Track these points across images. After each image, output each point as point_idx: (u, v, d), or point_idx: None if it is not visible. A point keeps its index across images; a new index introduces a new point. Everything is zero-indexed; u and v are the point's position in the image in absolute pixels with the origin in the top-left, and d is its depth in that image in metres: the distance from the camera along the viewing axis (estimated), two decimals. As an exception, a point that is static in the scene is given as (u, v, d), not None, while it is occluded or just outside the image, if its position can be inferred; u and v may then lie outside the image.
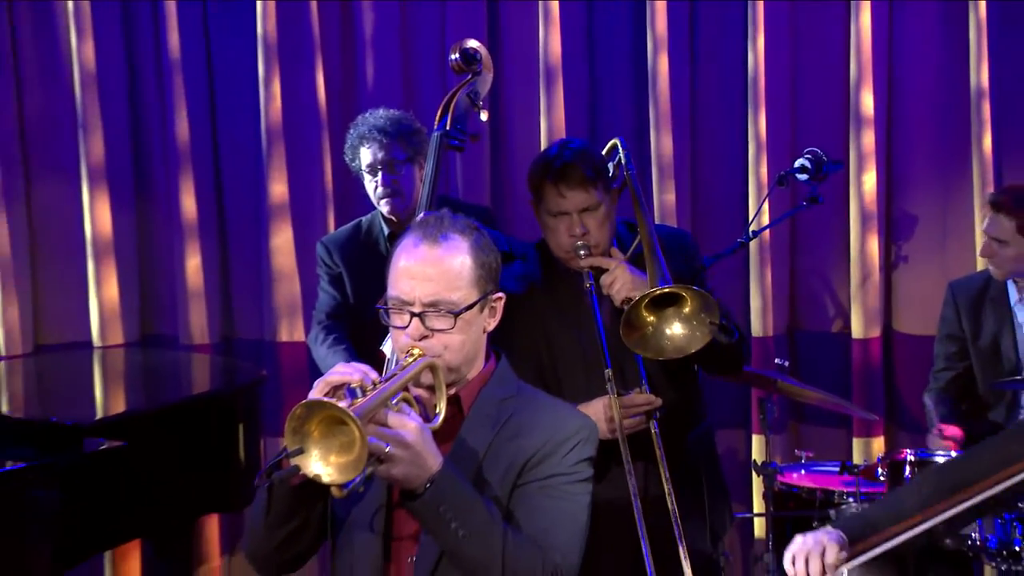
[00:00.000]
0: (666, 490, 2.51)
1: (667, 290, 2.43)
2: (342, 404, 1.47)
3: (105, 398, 3.98)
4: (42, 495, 2.78)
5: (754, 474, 3.46)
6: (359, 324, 3.36)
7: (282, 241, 4.08)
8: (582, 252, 2.56)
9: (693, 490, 2.68)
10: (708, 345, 2.49)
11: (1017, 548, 2.98)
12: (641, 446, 2.52)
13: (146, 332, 4.30)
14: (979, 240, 3.46)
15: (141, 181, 4.26)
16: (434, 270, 1.67)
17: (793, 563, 1.85)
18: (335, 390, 1.61)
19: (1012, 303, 3.28)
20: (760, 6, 3.94)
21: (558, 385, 2.30)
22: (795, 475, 3.53)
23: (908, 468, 3.14)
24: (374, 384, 1.61)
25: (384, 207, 3.17)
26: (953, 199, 3.90)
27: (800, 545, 1.86)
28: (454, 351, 1.68)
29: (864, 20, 3.92)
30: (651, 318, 2.49)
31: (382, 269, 1.97)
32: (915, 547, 2.98)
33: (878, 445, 3.89)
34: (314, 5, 3.93)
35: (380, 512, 1.71)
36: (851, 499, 3.28)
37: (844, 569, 1.92)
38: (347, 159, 3.28)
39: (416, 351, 1.67)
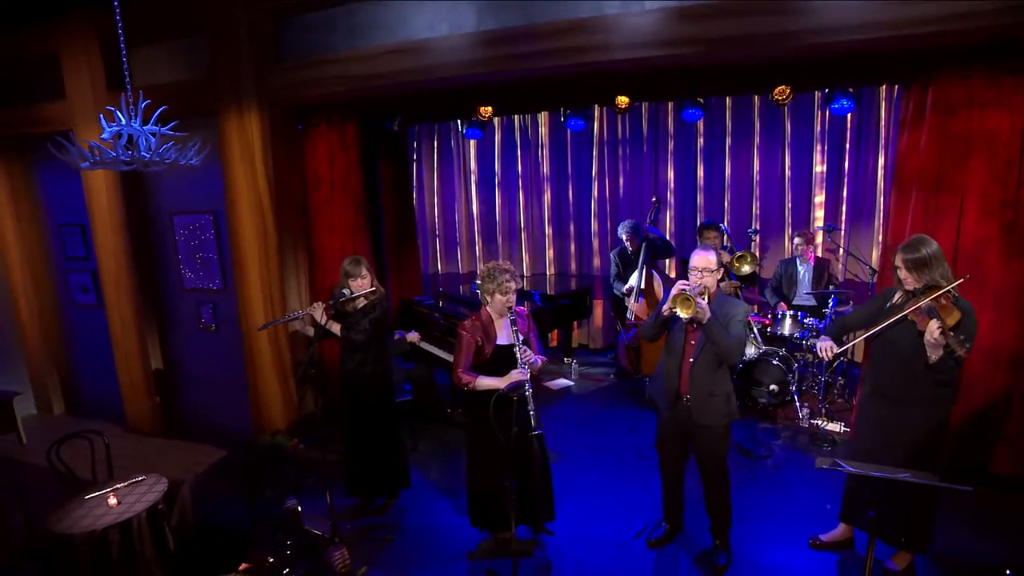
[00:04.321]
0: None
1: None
2: (688, 290, 4.14)
3: (569, 288, 8.68)
4: (548, 309, 8.07)
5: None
6: (621, 278, 7.67)
7: (599, 247, 9.29)
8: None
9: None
10: None
11: (805, 341, 6.88)
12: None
13: (559, 270, 9.50)
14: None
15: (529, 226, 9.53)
16: (702, 260, 4.29)
17: (821, 351, 4.02)
18: (681, 292, 4.17)
19: (798, 265, 7.40)
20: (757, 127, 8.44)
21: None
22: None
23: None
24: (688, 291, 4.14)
25: (628, 247, 7.66)
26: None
27: (822, 341, 4.11)
28: (708, 283, 4.29)
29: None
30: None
31: (631, 263, 7.43)
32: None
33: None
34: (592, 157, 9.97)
35: (682, 333, 4.43)
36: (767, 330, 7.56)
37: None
38: (619, 233, 7.63)
39: (696, 282, 4.26)
